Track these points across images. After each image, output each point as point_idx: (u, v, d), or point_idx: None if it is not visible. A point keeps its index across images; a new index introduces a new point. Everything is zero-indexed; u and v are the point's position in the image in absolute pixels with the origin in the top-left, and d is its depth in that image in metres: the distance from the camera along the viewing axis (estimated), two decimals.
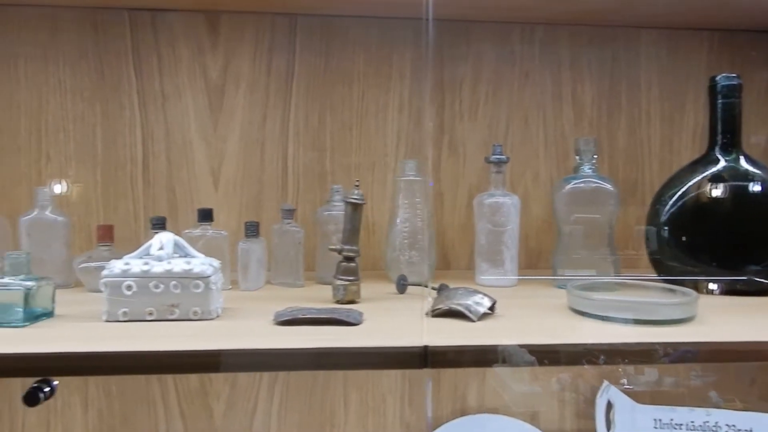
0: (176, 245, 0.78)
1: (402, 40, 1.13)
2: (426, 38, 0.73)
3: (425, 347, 0.64)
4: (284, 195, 1.12)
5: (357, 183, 0.87)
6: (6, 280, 0.73)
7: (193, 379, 1.09)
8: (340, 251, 0.86)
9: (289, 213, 0.98)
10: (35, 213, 0.94)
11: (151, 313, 0.74)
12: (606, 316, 0.74)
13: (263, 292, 0.95)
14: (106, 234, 0.93)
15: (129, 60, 1.08)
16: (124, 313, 0.74)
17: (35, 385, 0.63)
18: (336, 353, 0.65)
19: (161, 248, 0.76)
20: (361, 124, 1.13)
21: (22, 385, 1.05)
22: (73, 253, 0.97)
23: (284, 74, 1.11)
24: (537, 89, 1.16)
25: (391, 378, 1.12)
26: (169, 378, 1.08)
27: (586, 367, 0.66)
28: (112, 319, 0.74)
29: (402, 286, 0.93)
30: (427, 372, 1.00)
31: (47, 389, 0.63)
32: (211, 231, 0.94)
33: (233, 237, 0.99)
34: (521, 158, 1.15)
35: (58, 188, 1.06)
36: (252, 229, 0.95)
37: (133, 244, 1.04)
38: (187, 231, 0.93)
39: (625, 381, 1.12)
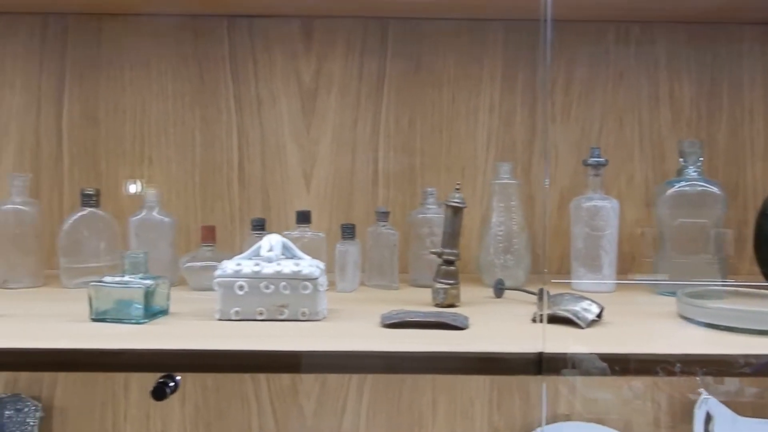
0: (284, 247, 0.79)
1: (492, 42, 1.12)
2: (543, 39, 0.72)
3: (540, 354, 0.64)
4: (374, 197, 1.13)
5: (458, 186, 0.87)
6: (126, 278, 0.76)
7: (285, 377, 1.11)
8: (440, 254, 0.86)
9: (384, 215, 0.99)
10: (143, 213, 0.98)
11: (261, 313, 0.76)
12: (724, 326, 0.71)
13: (360, 294, 0.96)
14: (210, 235, 0.96)
15: (226, 65, 1.12)
16: (236, 312, 0.76)
17: (161, 380, 0.65)
18: (449, 358, 0.65)
19: (270, 250, 0.78)
20: (451, 126, 1.13)
21: (124, 378, 1.11)
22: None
23: (375, 77, 1.12)
24: (632, 90, 1.13)
25: (480, 382, 1.11)
26: (261, 375, 1.11)
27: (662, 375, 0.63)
28: (224, 318, 0.76)
29: (499, 290, 0.92)
30: (541, 379, 0.98)
31: (172, 384, 0.66)
32: (309, 233, 0.96)
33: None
34: (615, 160, 1.12)
35: (137, 188, 1.10)
36: (349, 231, 0.96)
37: (230, 244, 1.08)
38: (286, 232, 0.94)
39: (702, 390, 1.07)
